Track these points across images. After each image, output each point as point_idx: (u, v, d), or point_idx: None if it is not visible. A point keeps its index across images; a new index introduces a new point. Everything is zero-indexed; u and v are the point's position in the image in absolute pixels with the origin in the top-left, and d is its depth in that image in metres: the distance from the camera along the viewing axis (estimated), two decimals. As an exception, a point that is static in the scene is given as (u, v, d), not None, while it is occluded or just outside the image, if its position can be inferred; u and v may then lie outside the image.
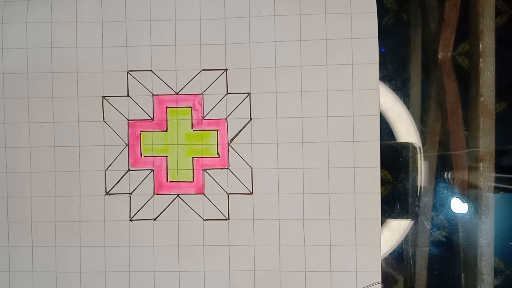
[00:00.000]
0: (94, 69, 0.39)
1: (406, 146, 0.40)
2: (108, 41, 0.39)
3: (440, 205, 0.40)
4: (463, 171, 0.40)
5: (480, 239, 0.39)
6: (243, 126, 0.38)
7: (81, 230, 0.39)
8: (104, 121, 0.39)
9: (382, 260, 0.38)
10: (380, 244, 0.37)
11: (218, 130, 0.38)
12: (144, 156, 0.38)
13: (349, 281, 0.37)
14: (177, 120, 0.38)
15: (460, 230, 0.40)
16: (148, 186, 0.38)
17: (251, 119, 0.38)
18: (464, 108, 0.41)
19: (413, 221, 0.40)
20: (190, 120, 0.38)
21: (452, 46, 0.41)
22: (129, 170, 0.38)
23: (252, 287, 0.37)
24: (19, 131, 0.39)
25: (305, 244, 0.37)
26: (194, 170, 0.38)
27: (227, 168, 0.38)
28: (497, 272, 0.41)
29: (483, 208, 0.39)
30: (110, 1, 0.39)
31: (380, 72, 0.37)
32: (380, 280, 0.37)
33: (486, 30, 0.39)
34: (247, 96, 0.38)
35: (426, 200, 0.40)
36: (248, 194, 0.38)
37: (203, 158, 0.38)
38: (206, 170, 0.38)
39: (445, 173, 0.41)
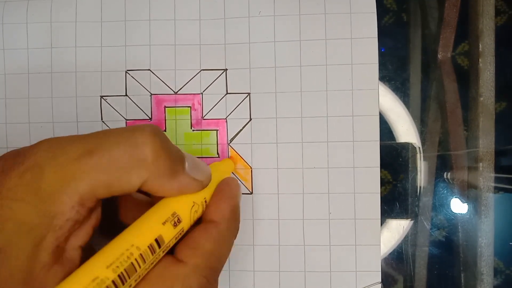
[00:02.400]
0: (93, 69, 0.38)
1: (406, 146, 0.40)
2: (107, 40, 0.39)
3: (440, 205, 0.40)
4: (463, 171, 0.40)
5: (479, 239, 0.39)
6: (243, 126, 0.38)
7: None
8: (102, 121, 0.38)
9: (381, 260, 0.38)
10: (380, 244, 0.37)
11: (217, 130, 0.38)
12: (143, 156, 0.38)
13: (349, 281, 0.37)
14: (175, 120, 0.38)
15: (459, 230, 0.40)
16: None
17: (250, 119, 0.38)
18: (464, 108, 0.41)
19: (412, 221, 0.40)
20: (189, 120, 0.38)
21: (451, 46, 0.41)
22: (128, 170, 0.38)
23: (252, 287, 0.37)
24: (20, 131, 0.39)
25: (305, 244, 0.37)
26: (194, 170, 0.38)
27: (227, 168, 0.38)
28: (496, 272, 0.41)
29: (482, 208, 0.39)
30: (110, 1, 0.39)
31: (379, 72, 0.37)
32: (380, 280, 0.37)
33: (486, 30, 0.39)
34: (247, 96, 0.38)
35: (426, 200, 0.40)
36: (248, 194, 0.38)
37: (203, 158, 0.38)
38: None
39: (445, 173, 0.41)
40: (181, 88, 0.38)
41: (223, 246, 0.28)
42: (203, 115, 0.38)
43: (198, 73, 0.38)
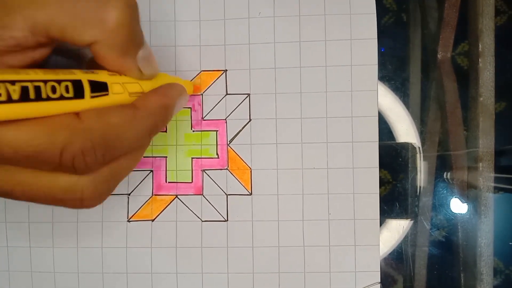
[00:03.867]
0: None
1: (406, 146, 0.40)
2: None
3: (440, 205, 0.40)
4: (463, 171, 0.40)
5: (479, 239, 0.39)
6: (242, 126, 0.38)
7: (78, 231, 0.39)
8: (103, 122, 0.38)
9: (381, 260, 0.38)
10: (379, 245, 0.37)
11: (217, 130, 0.38)
12: (144, 157, 0.38)
13: (348, 282, 0.37)
14: (176, 120, 0.38)
15: (459, 230, 0.40)
16: (147, 187, 0.38)
17: (250, 120, 0.38)
18: (464, 108, 0.41)
19: (412, 221, 0.40)
20: (190, 121, 0.38)
21: (451, 46, 0.41)
22: (128, 170, 0.38)
23: (251, 288, 0.38)
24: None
25: (304, 245, 0.37)
26: (193, 171, 0.38)
27: (226, 168, 0.38)
28: (496, 272, 0.41)
29: (482, 208, 0.39)
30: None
31: (379, 72, 0.37)
32: (379, 281, 0.37)
33: (486, 30, 0.39)
34: (247, 97, 0.38)
35: (426, 200, 0.40)
36: (247, 195, 0.38)
37: (202, 159, 0.38)
38: (205, 171, 0.38)
39: (445, 173, 0.40)
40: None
41: (128, 131, 0.26)
42: (203, 116, 0.38)
43: (198, 74, 0.38)
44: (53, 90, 0.23)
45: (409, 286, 0.40)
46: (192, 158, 0.38)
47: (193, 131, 0.38)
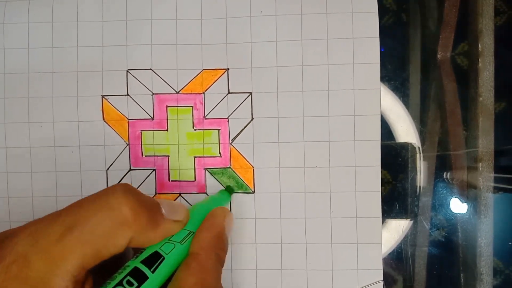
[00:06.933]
0: (94, 68, 0.39)
1: (405, 146, 0.40)
2: (108, 40, 0.39)
3: (439, 205, 0.40)
4: (462, 171, 0.40)
5: (479, 239, 0.39)
6: (244, 125, 0.38)
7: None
8: (104, 121, 0.38)
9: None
10: (381, 243, 0.37)
11: (219, 129, 0.38)
12: (146, 156, 0.38)
13: (350, 280, 0.37)
14: (177, 119, 0.38)
15: (459, 230, 0.40)
16: (150, 186, 0.38)
17: (252, 119, 0.38)
18: (463, 108, 0.41)
19: (412, 221, 0.40)
20: (191, 120, 0.38)
21: (451, 46, 0.41)
22: (130, 169, 0.38)
23: (254, 285, 0.37)
24: (19, 131, 0.39)
25: (307, 242, 0.37)
26: (196, 170, 0.38)
27: (229, 167, 0.38)
28: (496, 272, 0.41)
29: (482, 208, 0.39)
30: (111, 0, 0.39)
31: (379, 72, 0.38)
32: (382, 279, 0.37)
33: (485, 30, 0.40)
34: (249, 95, 0.38)
35: (425, 200, 0.40)
36: (250, 193, 0.38)
37: (205, 158, 0.38)
38: (208, 170, 0.38)
39: (444, 173, 0.41)
40: (183, 88, 0.38)
41: (207, 275, 0.28)
42: (205, 115, 0.38)
43: (199, 72, 0.38)
44: None
45: (409, 286, 0.40)
46: (194, 157, 0.38)
47: (195, 130, 0.38)
